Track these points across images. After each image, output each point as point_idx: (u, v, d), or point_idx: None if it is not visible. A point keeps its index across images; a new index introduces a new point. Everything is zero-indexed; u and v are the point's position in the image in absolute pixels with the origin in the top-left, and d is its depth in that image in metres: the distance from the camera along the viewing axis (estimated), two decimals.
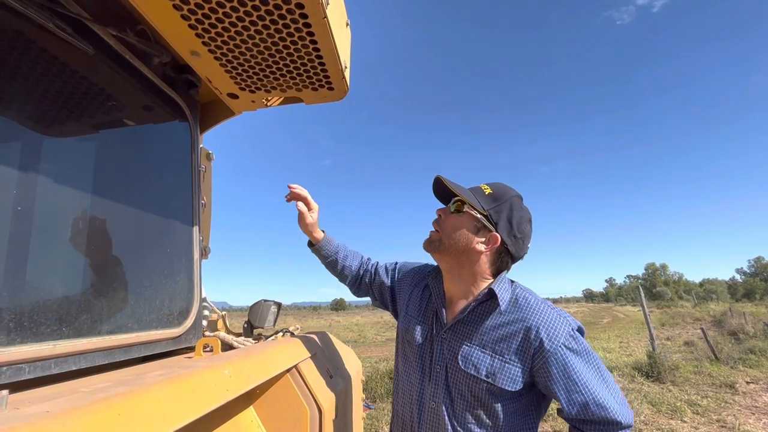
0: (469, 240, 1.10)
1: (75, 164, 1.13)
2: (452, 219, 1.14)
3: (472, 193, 1.14)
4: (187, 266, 1.41)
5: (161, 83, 1.33)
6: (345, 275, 1.51)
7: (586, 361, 1.01)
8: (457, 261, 1.13)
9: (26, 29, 0.91)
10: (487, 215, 1.09)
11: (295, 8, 1.03)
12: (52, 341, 0.85)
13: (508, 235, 1.10)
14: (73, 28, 0.97)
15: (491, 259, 1.12)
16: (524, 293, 1.10)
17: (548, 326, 1.01)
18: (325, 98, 1.49)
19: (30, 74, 0.95)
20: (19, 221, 0.90)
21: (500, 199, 1.11)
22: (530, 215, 1.15)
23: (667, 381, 7.31)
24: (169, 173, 1.46)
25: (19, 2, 0.84)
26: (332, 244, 1.48)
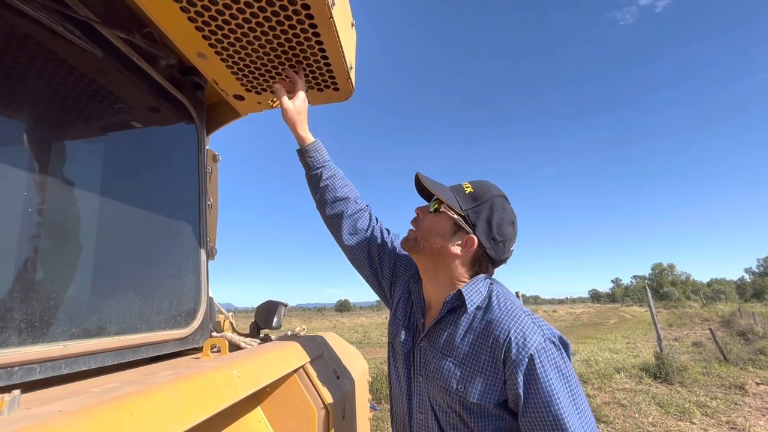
0: (444, 242, 1.03)
1: (84, 166, 1.14)
2: (429, 219, 1.08)
3: (452, 191, 1.07)
4: (194, 267, 1.42)
5: (168, 85, 1.34)
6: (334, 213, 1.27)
7: (560, 376, 0.85)
8: (433, 263, 1.06)
9: (35, 32, 0.92)
10: (465, 216, 1.02)
11: (301, 9, 1.03)
12: (62, 342, 0.85)
13: (486, 237, 1.02)
14: (81, 31, 0.98)
15: (468, 263, 1.04)
16: (500, 297, 0.99)
17: (520, 332, 0.89)
18: (331, 99, 1.49)
19: (39, 77, 0.96)
20: (30, 222, 0.91)
21: (480, 199, 1.04)
22: (514, 216, 1.07)
23: (675, 382, 7.24)
24: (176, 175, 1.46)
25: (29, 5, 0.85)
26: (322, 154, 1.27)
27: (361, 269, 1.30)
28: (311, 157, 1.26)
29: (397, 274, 1.26)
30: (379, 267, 1.28)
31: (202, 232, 1.48)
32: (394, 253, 1.28)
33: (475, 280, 1.03)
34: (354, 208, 1.27)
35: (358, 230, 1.27)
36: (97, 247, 1.10)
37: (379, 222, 1.32)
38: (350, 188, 1.29)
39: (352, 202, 1.28)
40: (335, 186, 1.27)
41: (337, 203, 1.27)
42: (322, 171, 1.26)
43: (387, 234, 1.30)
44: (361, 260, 1.28)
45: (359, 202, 1.30)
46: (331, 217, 1.28)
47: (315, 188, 1.29)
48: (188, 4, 1.01)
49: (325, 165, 1.27)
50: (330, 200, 1.27)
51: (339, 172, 1.29)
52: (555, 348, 0.89)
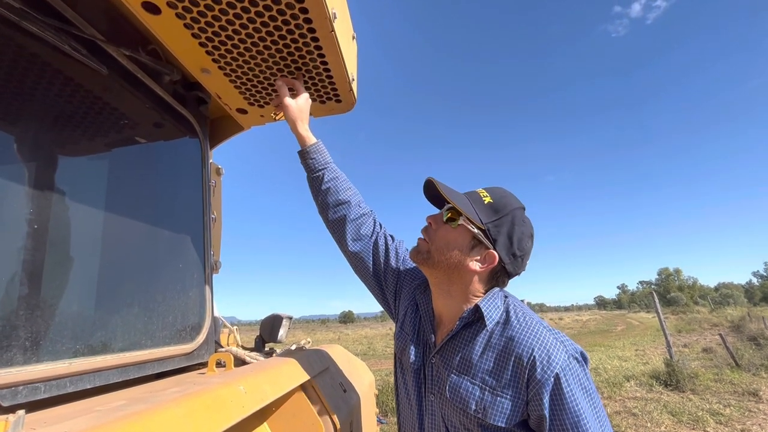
0: (462, 257, 0.96)
1: (89, 181, 1.15)
2: (444, 230, 1.00)
3: (468, 200, 0.99)
4: (198, 281, 1.41)
5: (172, 100, 1.35)
6: (336, 217, 1.21)
7: (585, 394, 0.83)
8: (447, 277, 1.00)
9: (43, 51, 0.93)
10: (485, 230, 0.95)
11: (303, 23, 1.04)
12: (67, 359, 0.85)
13: (507, 253, 0.96)
14: (87, 50, 0.99)
15: (485, 278, 0.99)
16: (518, 311, 0.95)
17: (544, 350, 0.85)
18: (333, 110, 1.50)
19: (47, 94, 0.97)
20: (35, 238, 0.91)
21: (501, 212, 0.97)
22: (532, 230, 1.01)
23: (686, 390, 7.10)
24: (180, 189, 1.47)
25: (36, 25, 0.87)
26: (323, 156, 1.22)
27: (365, 277, 1.24)
28: (312, 159, 1.21)
29: (401, 283, 1.20)
30: (383, 275, 1.22)
31: (206, 246, 1.48)
32: (398, 262, 1.22)
33: (492, 294, 0.98)
34: (357, 212, 1.22)
35: (362, 236, 1.21)
36: (101, 262, 1.10)
37: (383, 228, 1.27)
38: (353, 192, 1.24)
39: (355, 206, 1.22)
40: (337, 189, 1.21)
41: (340, 207, 1.21)
42: (324, 173, 1.21)
43: (391, 241, 1.24)
44: (364, 268, 1.22)
45: (362, 206, 1.24)
46: (334, 222, 1.23)
47: (316, 192, 1.24)
48: (191, 20, 1.02)
49: (327, 167, 1.21)
50: (332, 204, 1.21)
51: (341, 175, 1.24)
52: (578, 365, 0.86)
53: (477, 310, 0.94)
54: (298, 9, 0.99)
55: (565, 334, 0.91)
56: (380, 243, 1.22)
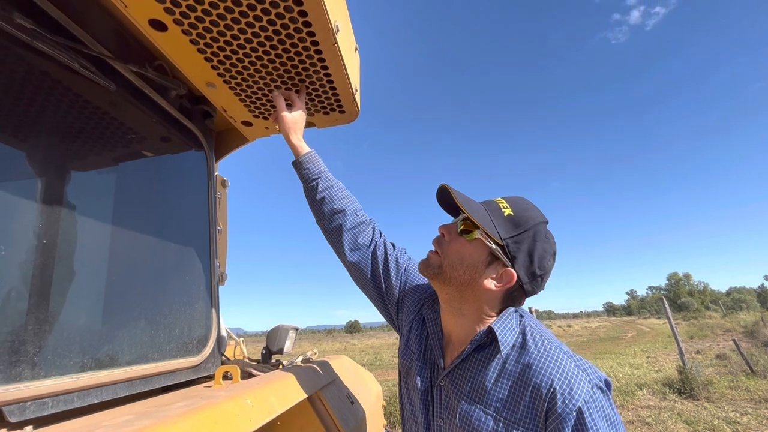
0: (477, 274, 0.89)
1: (97, 196, 1.16)
2: (458, 243, 0.92)
3: (486, 211, 0.92)
4: (205, 293, 1.41)
5: (178, 115, 1.37)
6: (333, 227, 1.18)
7: (611, 426, 0.77)
8: (459, 294, 0.92)
9: (53, 69, 0.95)
10: (504, 246, 0.88)
11: (307, 36, 1.06)
12: (75, 374, 0.85)
13: (526, 272, 0.88)
14: (96, 67, 1.01)
15: (500, 297, 0.91)
16: (535, 335, 0.87)
17: (565, 380, 0.78)
18: (337, 121, 1.51)
19: (56, 111, 0.99)
20: (44, 254, 0.92)
21: (522, 226, 0.89)
22: (555, 247, 0.93)
23: (701, 398, 6.94)
24: (186, 202, 1.48)
25: (47, 45, 0.89)
26: (317, 165, 1.21)
27: (365, 288, 1.19)
28: (306, 168, 1.20)
29: (404, 294, 1.14)
30: (385, 287, 1.16)
31: (212, 258, 1.48)
32: (400, 272, 1.16)
33: (507, 314, 0.91)
34: (353, 221, 1.18)
35: (360, 246, 1.17)
36: (109, 275, 1.10)
37: (383, 236, 1.22)
38: (349, 200, 1.20)
39: (351, 214, 1.18)
40: (332, 198, 1.18)
41: (335, 216, 1.18)
42: (318, 182, 1.19)
43: (392, 249, 1.19)
44: (363, 278, 1.17)
45: (360, 214, 1.20)
46: (330, 232, 1.20)
47: (312, 201, 1.21)
48: (197, 36, 1.04)
49: (321, 176, 1.20)
50: (327, 213, 1.18)
51: (337, 183, 1.21)
52: (602, 394, 0.79)
53: (490, 332, 0.87)
54: (302, 23, 1.01)
55: (587, 360, 0.84)
56: (379, 252, 1.17)
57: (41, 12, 0.88)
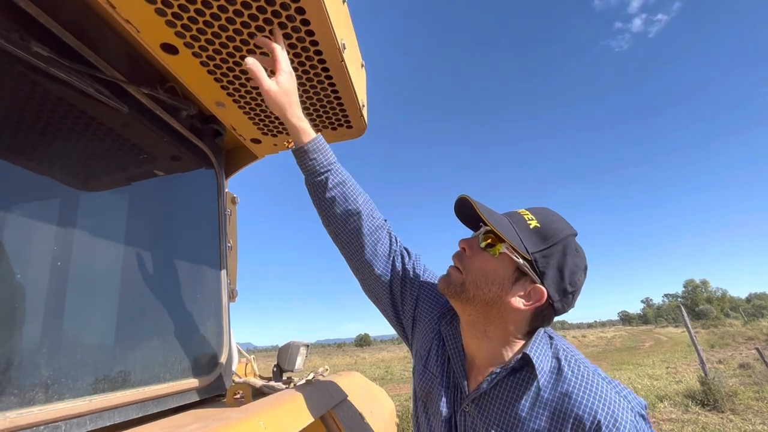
0: (504, 292, 0.82)
1: (109, 216, 1.18)
2: (481, 259, 0.85)
3: (510, 223, 0.85)
4: (216, 311, 1.41)
5: (189, 134, 1.39)
6: (347, 231, 1.03)
7: None
8: (484, 315, 0.85)
9: (68, 94, 0.98)
10: (532, 261, 0.81)
11: (314, 55, 1.07)
12: (88, 396, 0.84)
13: (556, 289, 0.82)
14: (110, 90, 1.04)
15: (529, 317, 0.84)
16: (569, 359, 0.81)
17: (609, 412, 0.72)
18: (345, 136, 1.52)
19: (71, 134, 1.01)
20: (58, 277, 0.93)
21: (550, 239, 0.82)
22: (586, 261, 0.87)
23: (726, 410, 6.68)
24: (197, 220, 1.49)
25: (63, 71, 0.91)
26: (325, 154, 1.01)
27: (380, 302, 1.09)
28: (312, 159, 0.99)
29: (420, 308, 1.05)
30: (401, 301, 1.06)
31: (223, 275, 1.49)
32: (417, 283, 1.06)
33: (538, 337, 0.84)
34: (370, 226, 1.03)
35: (378, 255, 1.04)
36: (121, 295, 1.11)
37: (400, 243, 1.10)
38: (364, 199, 1.04)
39: (367, 217, 1.02)
40: (345, 196, 1.01)
41: (350, 220, 1.02)
42: (328, 176, 1.00)
43: (408, 258, 1.09)
44: (380, 292, 1.07)
45: (376, 216, 1.05)
46: (343, 237, 1.04)
47: (319, 200, 1.03)
48: (207, 58, 1.06)
49: (331, 169, 1.01)
50: (340, 215, 1.02)
51: (349, 178, 1.04)
52: (645, 422, 0.75)
53: (525, 358, 0.80)
54: (309, 42, 1.02)
55: (624, 386, 0.80)
56: (398, 263, 1.07)
57: (57, 40, 0.91)
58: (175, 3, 0.88)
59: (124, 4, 0.89)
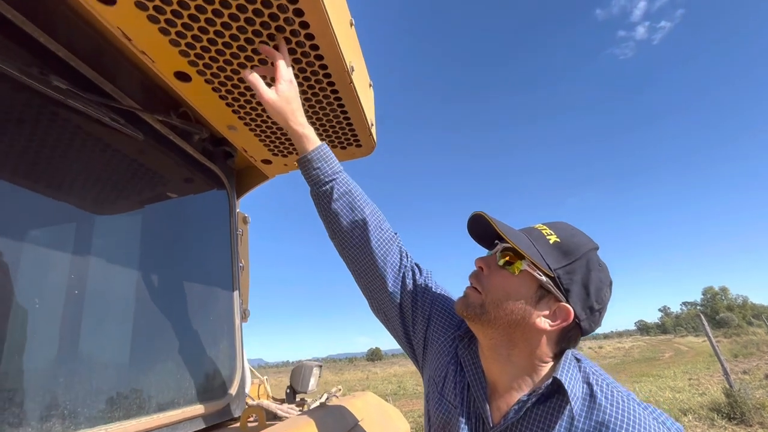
0: (527, 312, 0.78)
1: (124, 241, 1.19)
2: (500, 277, 0.81)
3: (529, 239, 0.81)
4: (228, 333, 1.41)
5: (201, 157, 1.41)
6: (354, 244, 0.99)
7: None
8: (507, 338, 0.81)
9: (86, 123, 1.00)
10: (556, 278, 0.77)
11: (323, 78, 1.09)
12: (103, 425, 0.84)
13: (583, 306, 0.78)
14: (125, 119, 1.06)
15: (555, 338, 0.80)
16: (601, 383, 0.76)
17: None
18: (354, 155, 1.53)
19: (88, 161, 1.04)
20: (74, 305, 0.94)
21: (573, 254, 0.78)
22: (610, 276, 0.83)
23: (754, 423, 6.40)
24: (209, 241, 1.51)
25: (80, 102, 0.94)
26: (330, 163, 0.98)
27: (389, 322, 1.03)
28: (317, 168, 0.97)
29: (432, 328, 0.99)
30: (412, 321, 1.00)
31: (235, 296, 1.49)
32: (428, 302, 1.00)
33: (567, 361, 0.78)
34: (379, 237, 0.99)
35: (387, 270, 1.00)
36: (135, 322, 1.11)
37: (410, 258, 1.05)
38: (371, 209, 1.00)
39: (375, 229, 0.98)
40: (352, 206, 0.98)
41: (357, 231, 0.98)
42: (333, 186, 0.97)
43: (419, 274, 1.03)
44: (389, 311, 1.01)
45: (384, 228, 1.01)
46: (349, 251, 1.00)
47: (325, 211, 0.99)
48: (219, 84, 1.08)
49: (336, 178, 0.97)
50: (347, 227, 0.98)
51: (355, 187, 1.00)
52: None
53: (556, 383, 0.75)
54: (318, 66, 1.04)
55: (660, 411, 0.76)
56: (408, 280, 1.00)
57: (76, 72, 0.93)
58: (188, 33, 0.91)
59: (139, 36, 0.92)
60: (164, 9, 0.84)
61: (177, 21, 0.87)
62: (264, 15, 0.88)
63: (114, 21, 0.87)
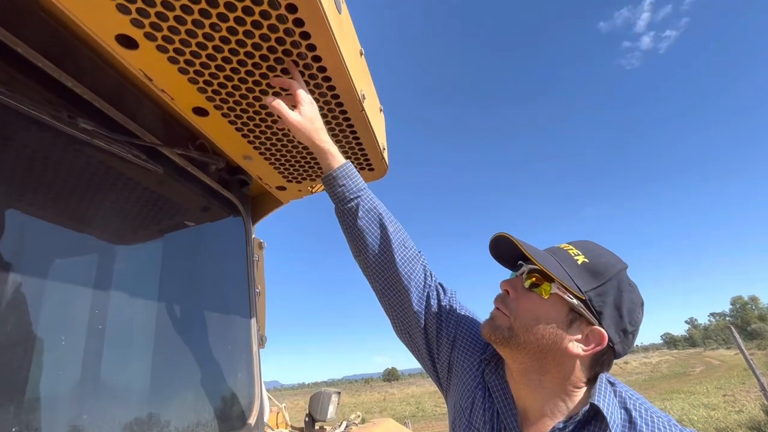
0: (559, 336, 0.75)
1: (143, 271, 1.22)
2: (529, 301, 0.79)
3: (556, 260, 0.79)
4: (246, 360, 1.41)
5: (218, 186, 1.45)
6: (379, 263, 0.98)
7: None
8: (538, 363, 0.78)
9: (109, 160, 1.04)
10: (587, 300, 0.75)
11: (336, 107, 1.12)
12: None
13: (616, 329, 0.76)
14: (147, 155, 1.10)
15: (588, 363, 0.77)
16: (638, 408, 0.73)
17: None
18: (367, 179, 1.54)
19: (111, 196, 1.07)
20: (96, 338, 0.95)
21: (603, 275, 0.76)
22: (641, 296, 0.81)
23: None
24: (226, 268, 1.52)
25: (105, 140, 0.98)
26: (355, 180, 0.99)
27: (413, 343, 1.01)
28: (342, 185, 0.98)
29: (456, 351, 0.96)
30: (436, 343, 0.97)
31: (252, 323, 1.49)
32: (453, 323, 0.97)
33: (602, 386, 0.76)
34: (403, 255, 0.98)
35: (412, 289, 0.98)
36: (155, 353, 1.12)
37: (435, 277, 1.03)
38: (396, 227, 0.99)
39: (399, 247, 0.97)
40: (377, 223, 0.98)
41: (382, 249, 0.97)
42: (359, 202, 0.98)
43: (444, 294, 1.00)
44: (413, 331, 0.99)
45: (408, 246, 1.00)
46: (375, 269, 0.99)
47: (349, 228, 1.00)
48: (235, 117, 1.12)
49: (361, 195, 0.99)
50: (371, 245, 0.98)
51: (379, 204, 1.00)
52: None
53: (593, 409, 0.72)
54: (330, 96, 1.07)
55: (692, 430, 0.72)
56: (432, 301, 0.98)
57: (101, 113, 0.98)
58: (206, 72, 0.94)
59: (159, 75, 0.96)
60: (184, 51, 0.88)
61: (195, 61, 0.91)
62: (278, 51, 0.91)
63: (136, 63, 0.92)
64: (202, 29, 0.83)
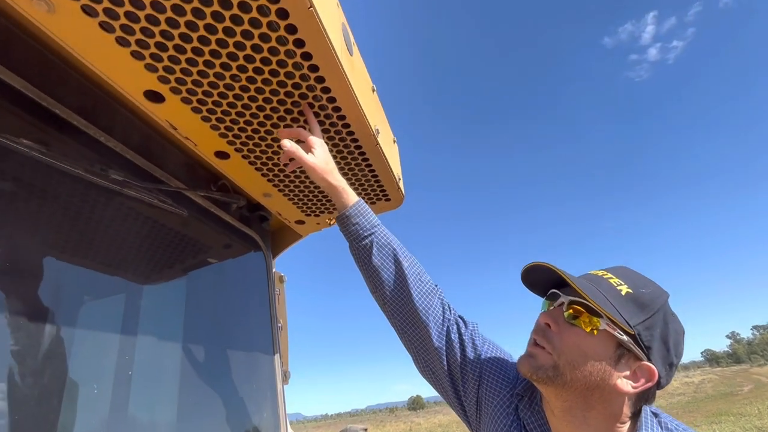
0: (607, 374, 0.72)
1: (168, 308, 1.24)
2: (574, 335, 0.75)
3: (599, 291, 0.75)
4: (271, 398, 1.39)
5: (239, 224, 1.49)
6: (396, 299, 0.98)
7: None
8: (584, 400, 0.74)
9: (137, 206, 1.09)
10: (636, 335, 0.72)
11: (351, 143, 1.15)
12: None
13: (663, 363, 0.73)
14: (172, 199, 1.14)
15: (635, 398, 0.74)
16: None
17: None
18: (384, 209, 1.56)
19: (138, 239, 1.11)
20: (121, 376, 0.97)
21: (650, 308, 0.73)
22: (683, 325, 0.78)
23: None
24: (248, 303, 1.54)
25: (134, 189, 1.02)
26: (368, 217, 1.00)
27: (437, 381, 0.98)
28: (355, 223, 0.99)
29: (483, 387, 0.92)
30: (462, 379, 0.94)
31: (276, 359, 1.48)
32: (478, 358, 0.94)
33: (647, 419, 0.73)
34: (420, 289, 0.97)
35: (431, 324, 0.97)
36: (180, 392, 1.13)
37: (454, 310, 1.00)
38: (411, 261, 0.99)
39: (415, 281, 0.97)
40: (392, 258, 0.98)
41: (397, 284, 0.97)
42: (373, 239, 0.98)
43: (465, 328, 0.97)
44: (436, 368, 0.96)
45: (424, 280, 0.99)
46: (392, 305, 0.98)
47: (365, 265, 1.00)
48: (255, 158, 1.16)
49: (375, 231, 0.99)
50: (387, 281, 0.98)
51: (394, 240, 1.00)
52: None
53: None
54: (346, 133, 1.10)
55: None
56: (453, 334, 0.95)
57: (129, 163, 1.03)
58: (227, 119, 0.99)
59: (184, 124, 1.01)
60: (206, 101, 0.93)
61: (217, 109, 0.96)
62: (294, 96, 0.95)
63: (162, 115, 0.97)
64: (223, 80, 0.88)
